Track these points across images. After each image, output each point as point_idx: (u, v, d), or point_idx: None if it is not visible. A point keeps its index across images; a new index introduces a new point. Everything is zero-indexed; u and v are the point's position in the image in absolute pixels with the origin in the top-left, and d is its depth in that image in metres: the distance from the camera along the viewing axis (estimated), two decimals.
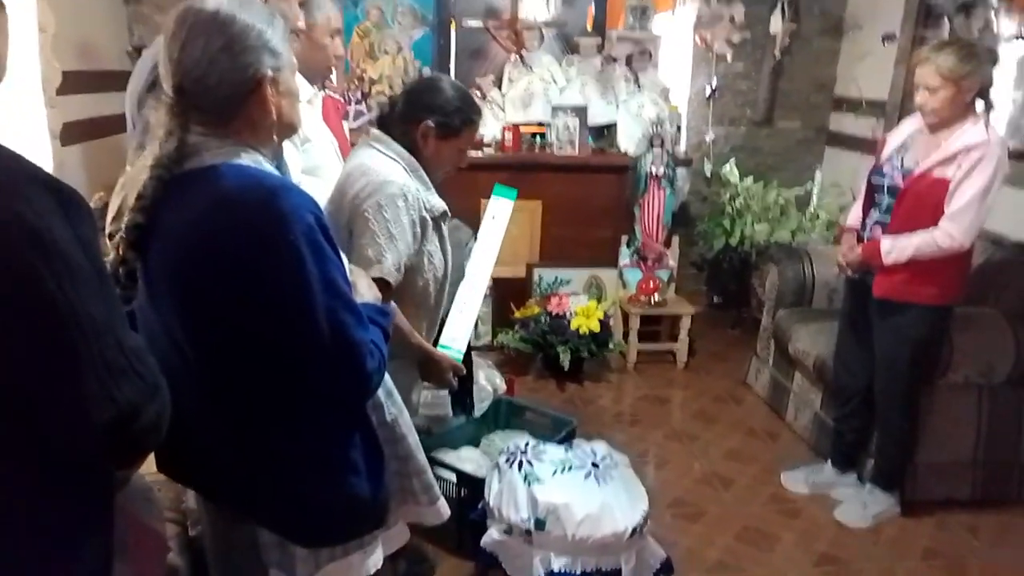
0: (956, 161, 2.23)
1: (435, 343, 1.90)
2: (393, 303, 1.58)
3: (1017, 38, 3.32)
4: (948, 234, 2.24)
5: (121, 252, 1.12)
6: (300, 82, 1.95)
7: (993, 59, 2.31)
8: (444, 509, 1.54)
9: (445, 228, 1.84)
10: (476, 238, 2.08)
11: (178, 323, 1.17)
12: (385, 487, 1.34)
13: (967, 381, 2.54)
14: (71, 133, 3.38)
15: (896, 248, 2.31)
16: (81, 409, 0.84)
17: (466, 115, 1.81)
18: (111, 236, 1.16)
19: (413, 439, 1.47)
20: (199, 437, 1.22)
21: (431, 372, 1.87)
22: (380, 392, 1.41)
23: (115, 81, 3.89)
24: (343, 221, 1.68)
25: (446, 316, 1.94)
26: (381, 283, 1.64)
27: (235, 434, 1.22)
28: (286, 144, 1.97)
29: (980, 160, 2.20)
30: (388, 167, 1.71)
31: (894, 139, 2.49)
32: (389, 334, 1.31)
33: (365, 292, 1.37)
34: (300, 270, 1.09)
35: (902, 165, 2.39)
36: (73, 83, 3.37)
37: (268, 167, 1.19)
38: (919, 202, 2.29)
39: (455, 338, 1.92)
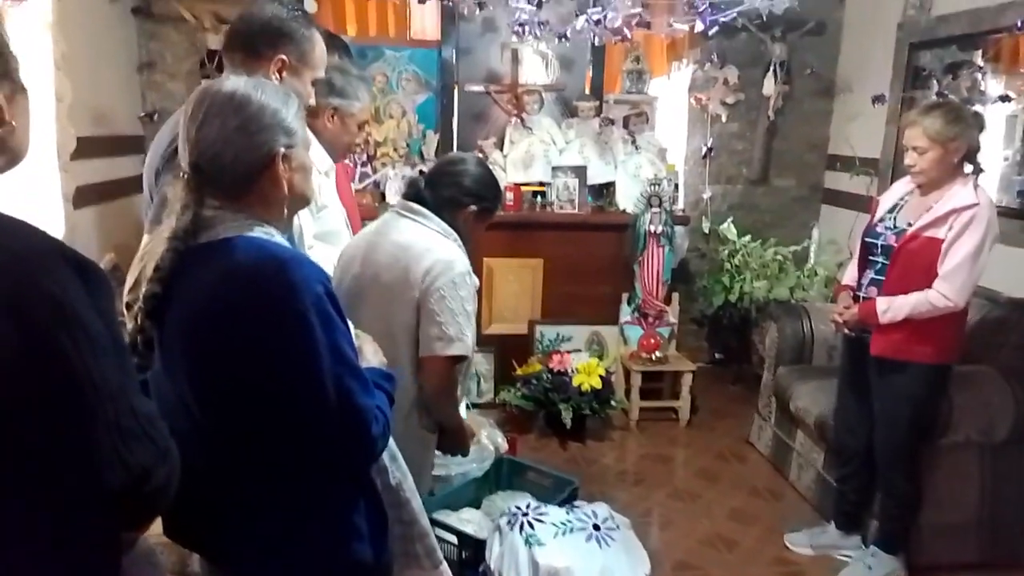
0: (947, 222, 2.29)
1: None
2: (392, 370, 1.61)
3: (1003, 99, 3.42)
4: (942, 294, 2.28)
5: (139, 321, 1.17)
6: (320, 155, 2.03)
7: (980, 123, 2.38)
8: (447, 574, 1.54)
9: None
10: None
11: (189, 389, 1.20)
12: (388, 552, 1.36)
13: (968, 440, 2.54)
14: (83, 196, 3.47)
15: (892, 307, 2.35)
16: (94, 472, 0.87)
17: (499, 198, 1.97)
18: (129, 306, 1.20)
19: (417, 503, 1.49)
20: (206, 501, 1.24)
21: (455, 441, 1.92)
22: (385, 456, 1.43)
23: (127, 145, 4.03)
24: (408, 295, 1.73)
25: None
26: (460, 359, 1.75)
27: (241, 498, 1.24)
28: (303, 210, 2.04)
29: (971, 221, 2.26)
30: (446, 244, 1.79)
31: (887, 200, 2.56)
32: (394, 399, 1.34)
33: (371, 357, 1.41)
34: (309, 338, 1.13)
35: (895, 225, 2.44)
36: (87, 148, 3.48)
37: (280, 239, 1.24)
38: (912, 262, 2.34)
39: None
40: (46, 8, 3.07)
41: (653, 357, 3.90)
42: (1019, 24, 2.97)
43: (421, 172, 2.00)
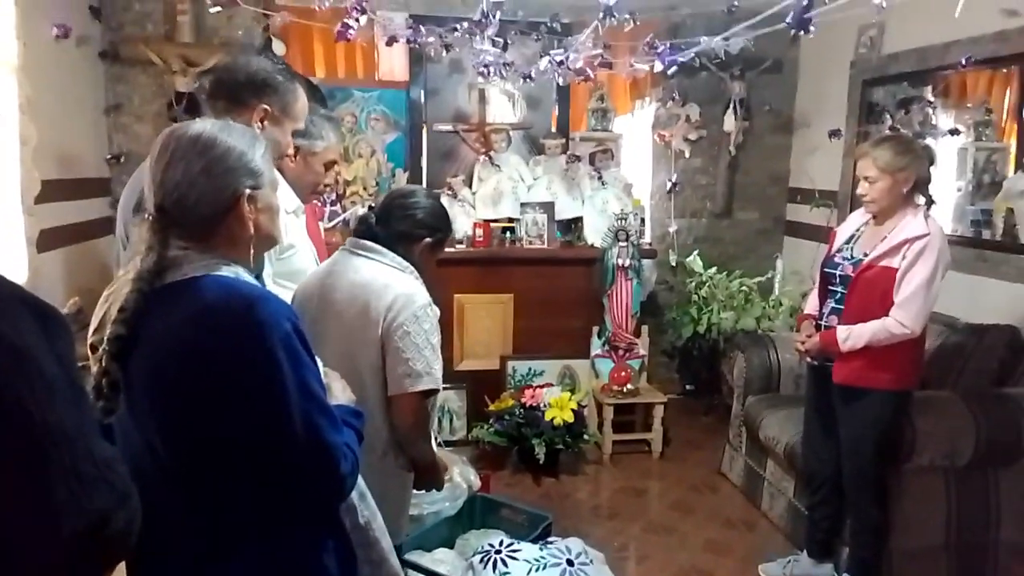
0: (900, 251, 2.36)
1: None
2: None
3: (953, 132, 3.56)
4: (899, 321, 2.34)
5: (103, 364, 1.16)
6: (288, 195, 2.04)
7: (929, 156, 2.48)
8: None
9: None
10: None
11: (156, 431, 1.19)
12: None
13: (932, 464, 2.58)
14: (48, 240, 3.43)
15: (852, 336, 2.40)
16: (51, 518, 0.86)
17: (451, 228, 1.98)
18: (94, 348, 1.19)
19: (386, 543, 1.47)
20: (172, 545, 1.22)
21: (429, 477, 1.90)
22: (353, 494, 1.42)
23: (93, 188, 4.00)
24: (371, 334, 1.72)
25: None
26: (431, 394, 1.74)
27: (208, 541, 1.22)
28: None
29: (923, 250, 2.34)
30: (403, 278, 1.78)
31: (844, 231, 2.63)
32: (363, 436, 1.34)
33: (339, 394, 1.41)
34: (277, 375, 1.13)
35: (852, 256, 2.52)
36: (52, 191, 3.45)
37: (247, 278, 1.24)
38: (869, 291, 2.41)
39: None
40: (11, 52, 3.07)
41: (624, 390, 3.92)
42: (963, 62, 3.10)
43: (370, 208, 1.99)
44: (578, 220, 4.28)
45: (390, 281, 1.75)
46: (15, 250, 3.32)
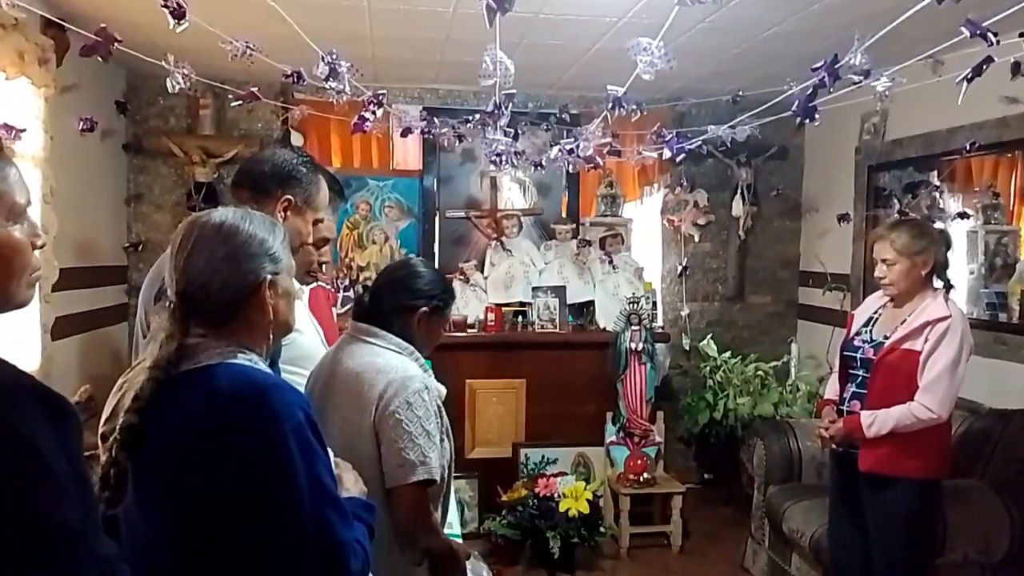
0: (923, 334, 2.34)
1: None
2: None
3: (961, 215, 3.58)
4: (924, 406, 2.29)
5: (114, 453, 1.13)
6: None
7: (946, 240, 2.50)
8: None
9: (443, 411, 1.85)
10: None
11: (163, 523, 1.15)
12: None
13: (967, 559, 2.47)
14: (63, 327, 3.44)
15: (877, 421, 2.35)
16: None
17: (451, 293, 1.90)
18: (104, 437, 1.17)
19: None
20: None
21: (453, 567, 1.81)
22: None
23: (110, 276, 4.05)
24: (364, 424, 1.66)
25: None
26: (429, 483, 1.65)
27: None
28: None
29: (946, 332, 2.31)
30: (398, 361, 1.72)
31: (861, 314, 2.61)
32: (374, 530, 1.29)
33: (351, 487, 1.37)
34: (288, 468, 1.10)
35: (872, 339, 2.48)
36: (69, 279, 3.48)
37: (262, 366, 1.23)
38: (893, 374, 2.36)
39: (451, 523, 1.87)
40: (38, 144, 3.17)
41: (641, 479, 3.81)
42: (967, 147, 3.15)
43: (365, 288, 1.94)
44: (590, 304, 4.28)
45: (384, 367, 1.69)
46: (29, 337, 3.33)
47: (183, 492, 1.13)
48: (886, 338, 2.41)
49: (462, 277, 4.24)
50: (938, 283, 2.44)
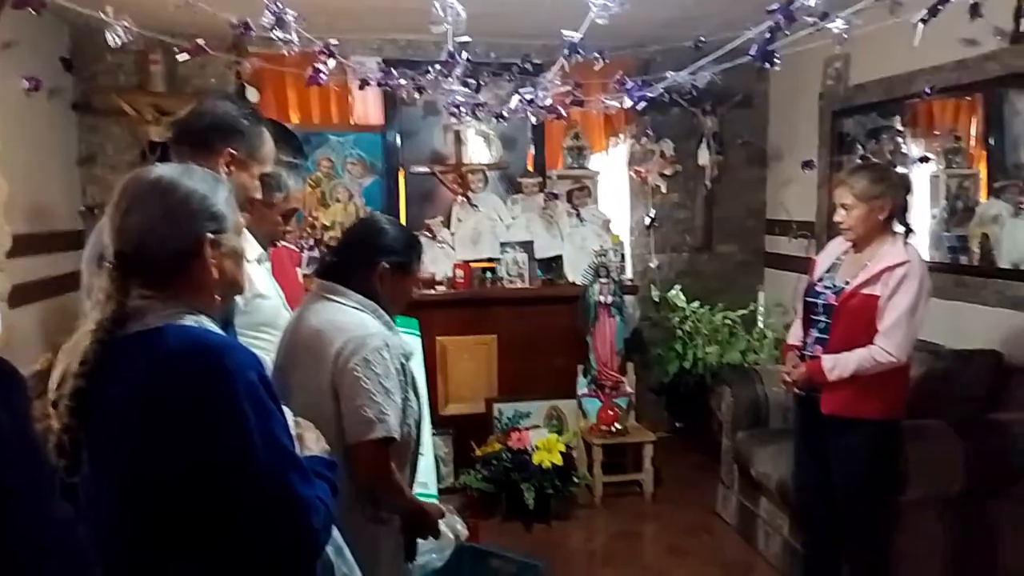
0: (882, 279, 2.36)
1: None
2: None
3: (923, 160, 3.61)
4: (884, 349, 2.33)
5: (65, 420, 1.10)
6: (250, 243, 1.99)
7: (905, 184, 2.50)
8: None
9: (411, 369, 1.83)
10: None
11: (120, 488, 1.13)
12: None
13: (926, 497, 2.54)
14: (20, 295, 3.35)
15: (838, 365, 2.38)
16: None
17: (417, 249, 1.87)
18: (55, 404, 1.13)
19: None
20: None
21: (422, 525, 1.81)
22: (330, 550, 1.35)
23: (67, 241, 3.93)
24: (323, 382, 1.64)
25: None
26: (388, 441, 1.63)
27: None
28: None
29: (904, 278, 2.33)
30: (359, 318, 1.70)
31: (824, 260, 2.63)
32: (337, 488, 1.28)
33: (312, 445, 1.35)
34: (243, 428, 1.09)
35: (834, 285, 2.51)
36: (24, 246, 3.38)
37: (212, 327, 1.20)
38: (853, 319, 2.39)
39: (426, 483, 1.87)
40: None
41: (613, 429, 3.86)
42: (927, 91, 3.15)
43: (328, 246, 1.91)
44: (558, 258, 4.26)
45: (344, 324, 1.67)
46: None
47: (137, 456, 1.11)
48: (847, 283, 2.43)
49: (429, 234, 4.19)
50: (899, 228, 2.46)
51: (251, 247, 2.00)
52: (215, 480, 1.09)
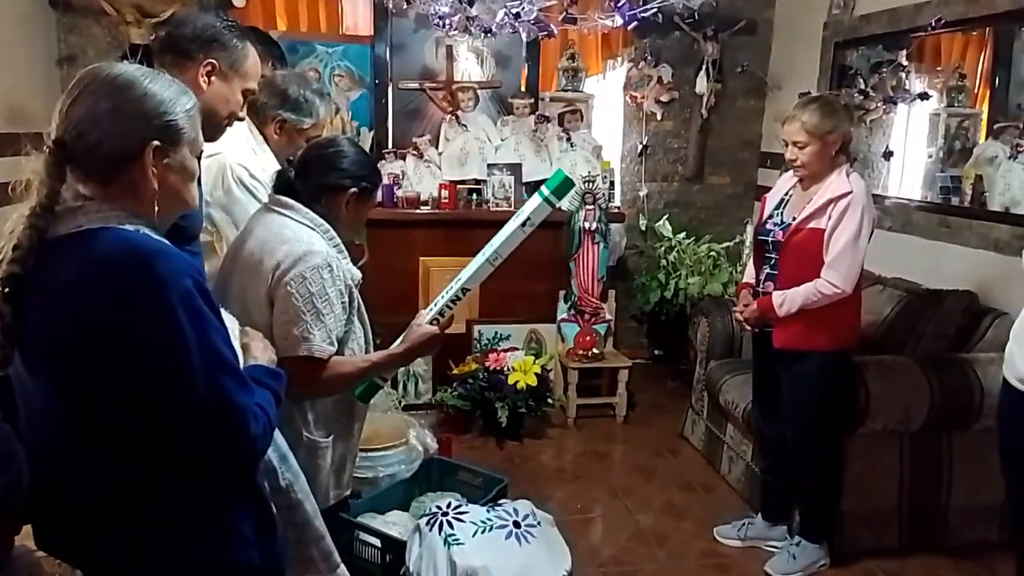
0: (826, 212, 2.36)
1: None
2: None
3: (922, 96, 3.52)
4: (829, 282, 2.34)
5: None
6: (269, 162, 2.00)
7: (851, 116, 2.48)
8: None
9: (357, 297, 1.82)
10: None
11: (54, 387, 1.14)
12: (278, 555, 1.31)
13: (886, 429, 2.59)
14: (1, 195, 3.32)
15: (787, 300, 2.40)
16: None
17: (378, 175, 1.85)
18: None
19: (311, 506, 1.44)
20: (77, 507, 1.18)
21: (389, 368, 1.82)
22: (273, 456, 1.38)
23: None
24: (261, 291, 1.64)
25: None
26: (311, 360, 1.63)
27: (115, 503, 1.17)
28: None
29: (847, 208, 2.33)
30: (306, 235, 1.67)
31: (773, 197, 2.62)
32: (281, 397, 1.29)
33: (259, 354, 1.36)
34: (177, 335, 1.08)
35: (782, 221, 2.50)
36: (4, 146, 3.32)
37: (151, 234, 1.17)
38: (800, 254, 2.40)
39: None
40: None
41: (590, 354, 3.90)
42: (933, 24, 3.04)
43: (289, 161, 1.88)
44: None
45: (289, 238, 1.65)
46: None
47: (69, 356, 1.11)
48: (794, 219, 2.43)
49: (416, 152, 4.13)
50: (843, 159, 2.42)
51: (269, 166, 2.01)
52: (148, 387, 1.09)
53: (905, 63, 3.66)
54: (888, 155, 3.72)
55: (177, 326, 1.08)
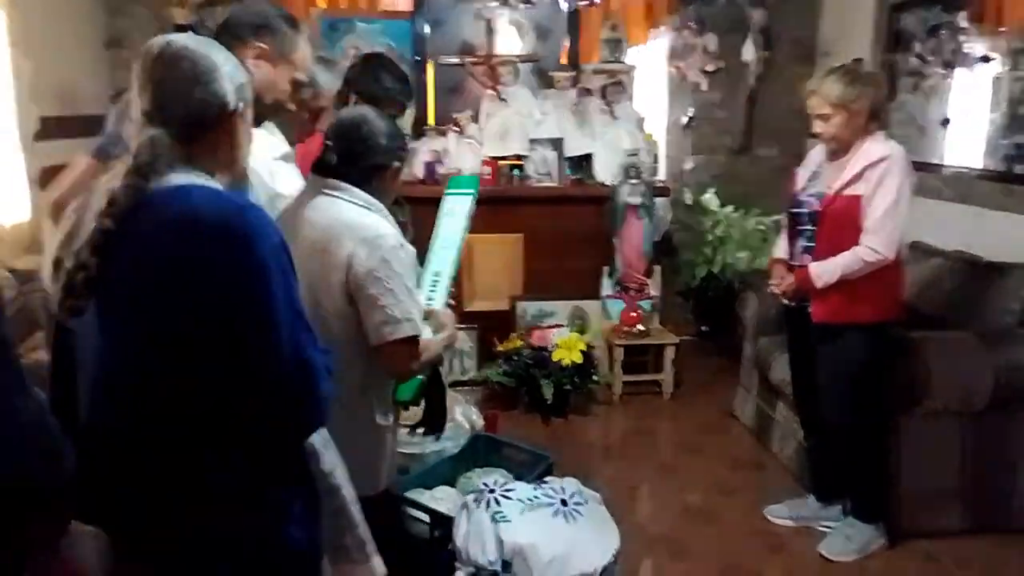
0: (864, 177, 2.29)
1: None
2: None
3: (984, 59, 3.35)
4: (871, 248, 2.27)
5: (82, 258, 1.11)
6: (279, 141, 1.99)
7: (877, 81, 2.40)
8: (379, 567, 1.51)
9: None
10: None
11: (132, 339, 1.15)
12: (320, 541, 1.32)
13: (946, 408, 2.50)
14: (50, 178, 3.38)
15: (825, 271, 2.33)
16: None
17: (406, 144, 1.88)
18: (58, 263, 1.14)
19: (348, 492, 1.45)
20: (131, 477, 1.17)
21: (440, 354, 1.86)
22: (317, 441, 1.38)
23: (97, 126, 3.92)
24: (333, 279, 1.63)
25: None
26: (412, 340, 1.65)
27: (169, 463, 1.16)
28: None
29: (886, 173, 2.26)
30: (369, 218, 1.67)
31: (804, 170, 2.55)
32: (332, 371, 1.29)
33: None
34: (267, 285, 1.11)
35: (817, 192, 2.43)
36: (52, 128, 3.40)
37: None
38: (838, 223, 2.33)
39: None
40: None
41: (635, 331, 3.86)
42: None
43: (326, 143, 1.82)
44: (588, 157, 4.14)
45: (354, 223, 1.64)
46: (17, 188, 3.30)
47: (154, 306, 1.12)
48: (830, 188, 2.35)
49: (456, 128, 4.10)
50: (876, 126, 2.34)
51: (278, 145, 2.00)
52: (234, 334, 1.11)
53: (965, 25, 3.49)
54: (945, 123, 3.56)
55: (268, 277, 1.11)
